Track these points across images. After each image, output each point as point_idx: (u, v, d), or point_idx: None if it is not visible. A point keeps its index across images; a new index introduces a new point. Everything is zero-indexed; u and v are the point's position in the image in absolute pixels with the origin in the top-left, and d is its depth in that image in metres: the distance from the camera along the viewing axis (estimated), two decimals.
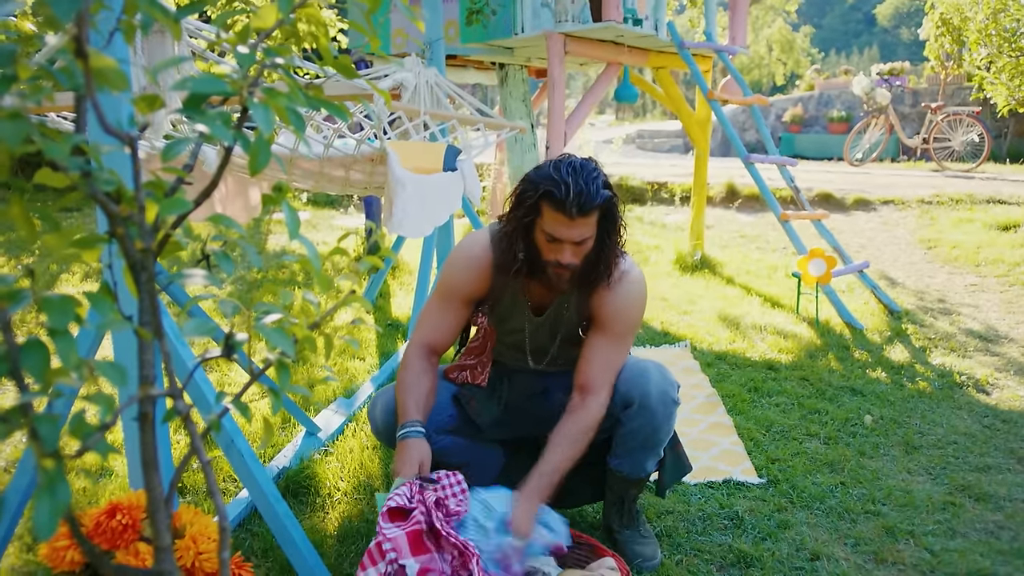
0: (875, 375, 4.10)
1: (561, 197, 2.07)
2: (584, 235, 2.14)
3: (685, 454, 2.53)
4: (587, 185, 2.08)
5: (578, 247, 2.16)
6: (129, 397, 1.03)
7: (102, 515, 1.80)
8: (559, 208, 2.09)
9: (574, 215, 2.08)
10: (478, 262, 2.35)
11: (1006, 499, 2.80)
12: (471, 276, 2.36)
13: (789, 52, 33.12)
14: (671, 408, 2.29)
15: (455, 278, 2.38)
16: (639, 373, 2.29)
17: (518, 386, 2.52)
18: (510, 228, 2.24)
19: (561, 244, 2.14)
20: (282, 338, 1.08)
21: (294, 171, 2.88)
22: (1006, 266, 6.34)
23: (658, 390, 2.26)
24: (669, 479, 2.51)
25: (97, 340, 2.14)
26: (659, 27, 5.65)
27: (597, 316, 2.32)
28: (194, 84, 0.98)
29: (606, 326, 2.30)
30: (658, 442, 2.32)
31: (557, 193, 2.07)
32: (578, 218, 2.09)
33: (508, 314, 2.40)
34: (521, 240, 2.21)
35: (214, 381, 3.89)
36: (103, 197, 0.98)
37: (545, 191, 2.10)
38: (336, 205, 10.54)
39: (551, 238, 2.14)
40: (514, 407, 2.48)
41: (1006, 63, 6.80)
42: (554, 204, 2.09)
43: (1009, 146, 13.83)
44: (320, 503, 2.73)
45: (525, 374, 2.52)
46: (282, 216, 1.52)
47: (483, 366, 2.49)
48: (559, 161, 2.15)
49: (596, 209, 2.11)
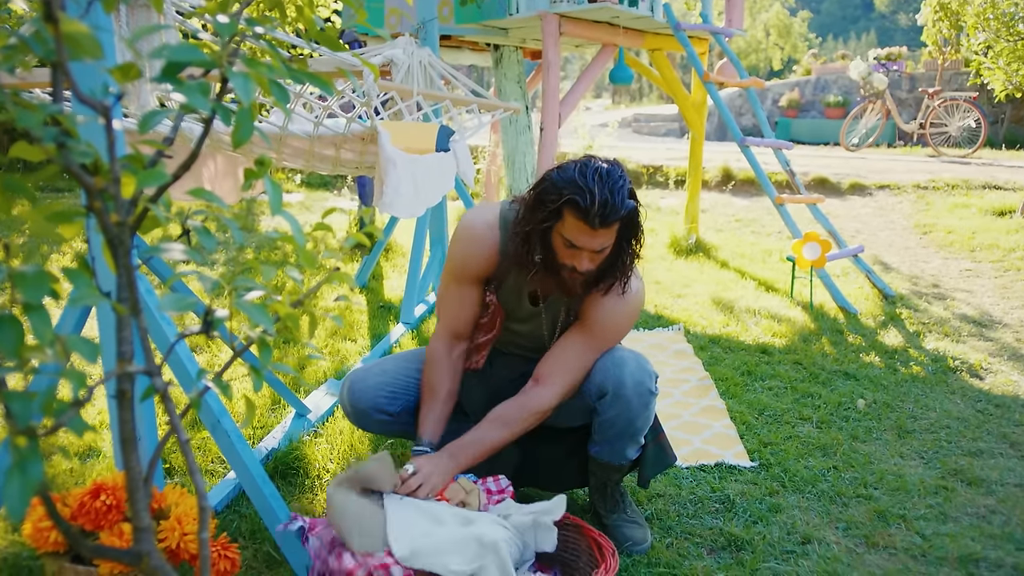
0: (869, 359, 4.09)
1: (586, 206, 2.00)
2: (604, 244, 2.09)
3: (669, 445, 2.48)
4: (613, 195, 2.01)
5: (597, 255, 2.11)
6: (106, 373, 1.00)
7: (86, 495, 1.78)
8: (582, 217, 2.02)
9: (597, 226, 2.03)
10: (484, 241, 2.31)
11: (998, 483, 2.80)
12: (479, 254, 2.32)
13: (786, 37, 33.05)
14: (647, 399, 2.24)
15: (465, 258, 2.34)
16: (615, 363, 2.24)
17: (503, 368, 2.50)
18: (528, 228, 2.16)
19: (580, 252, 2.09)
20: (262, 315, 1.05)
21: (284, 149, 2.85)
22: (1001, 251, 6.33)
23: (633, 380, 2.21)
24: (651, 471, 2.46)
25: (83, 317, 2.11)
26: (655, 8, 5.60)
27: (585, 315, 2.28)
28: (171, 52, 0.95)
29: (590, 329, 2.26)
30: (636, 431, 2.28)
31: (582, 202, 2.00)
32: (600, 229, 2.04)
33: (509, 298, 2.37)
34: (539, 242, 2.15)
35: (202, 362, 3.86)
36: (78, 169, 0.96)
37: (569, 198, 2.03)
38: (329, 187, 10.49)
39: (570, 244, 2.09)
40: (498, 389, 2.43)
41: (1004, 48, 6.75)
42: (578, 212, 2.03)
43: (1006, 132, 13.82)
44: (309, 485, 2.71)
45: (512, 356, 2.50)
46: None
47: (485, 345, 2.47)
48: (585, 165, 2.07)
49: (619, 220, 2.07)
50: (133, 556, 1.10)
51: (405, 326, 4.47)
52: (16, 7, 2.21)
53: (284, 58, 1.09)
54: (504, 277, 2.34)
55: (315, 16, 1.26)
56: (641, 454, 2.42)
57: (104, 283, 1.78)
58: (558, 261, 2.14)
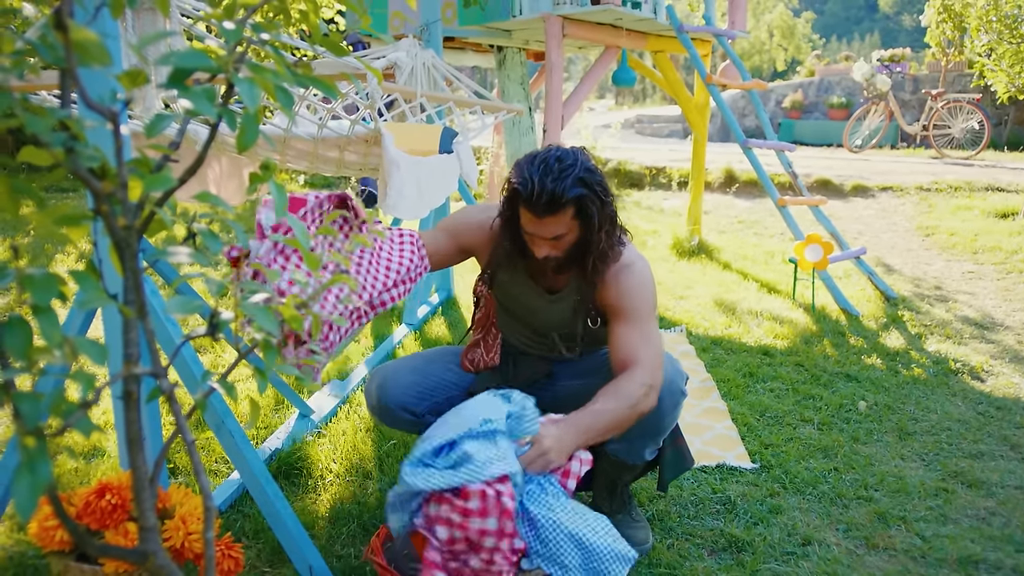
0: (870, 361, 4.10)
1: (527, 196, 2.06)
2: (556, 231, 2.10)
3: (687, 448, 2.48)
4: (555, 183, 2.03)
5: (554, 243, 2.14)
6: (112, 375, 1.02)
7: (92, 495, 1.80)
8: (526, 206, 2.08)
9: (541, 214, 2.07)
10: (484, 223, 2.35)
11: (998, 485, 2.81)
12: (473, 230, 2.36)
13: (790, 38, 33.02)
14: (678, 398, 2.25)
15: (460, 221, 2.40)
16: None
17: (525, 370, 2.50)
18: (501, 218, 2.25)
19: (535, 239, 2.15)
20: (267, 318, 1.07)
21: (288, 152, 2.87)
22: (1003, 254, 6.33)
23: (668, 379, 2.22)
24: (670, 473, 2.46)
25: (88, 318, 2.13)
26: (658, 10, 5.61)
27: (610, 308, 2.26)
28: (178, 59, 0.97)
29: (622, 313, 2.22)
30: (661, 431, 2.28)
31: (523, 192, 2.06)
32: (546, 216, 2.07)
33: (511, 286, 2.39)
34: (508, 231, 2.23)
35: (207, 362, 3.88)
36: (86, 173, 0.97)
37: (514, 188, 2.11)
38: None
39: (526, 232, 2.16)
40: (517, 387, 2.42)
41: (1006, 50, 6.76)
42: (522, 202, 2.09)
43: (1009, 134, 13.80)
44: (312, 485, 2.73)
45: (532, 358, 2.50)
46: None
47: (493, 339, 2.49)
48: (535, 155, 2.11)
49: (566, 207, 2.07)
50: (138, 555, 1.11)
51: (408, 327, 4.48)
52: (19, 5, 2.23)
53: (289, 63, 1.10)
54: (499, 265, 2.37)
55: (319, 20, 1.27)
56: (659, 457, 2.43)
57: (111, 285, 1.80)
58: (530, 249, 2.20)
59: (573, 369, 2.46)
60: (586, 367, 2.46)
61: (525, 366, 2.50)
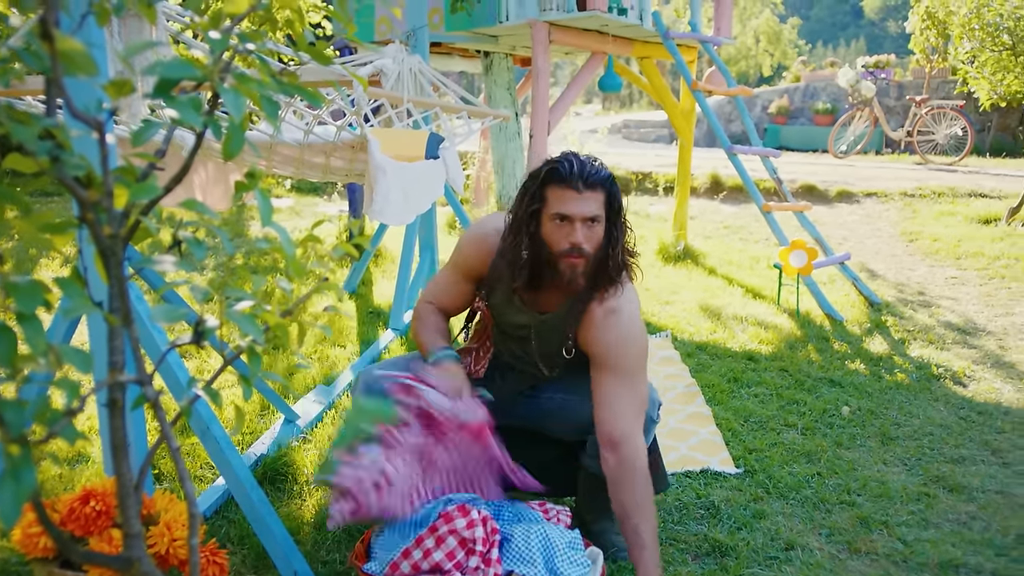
0: (854, 366, 4.13)
1: (566, 172, 2.07)
2: (594, 212, 2.09)
3: (665, 471, 2.49)
4: (590, 162, 2.10)
5: (590, 228, 2.10)
6: (97, 383, 1.02)
7: (76, 501, 1.80)
8: (565, 183, 2.07)
9: (581, 188, 2.06)
10: (484, 241, 2.35)
11: (979, 490, 2.83)
12: (475, 252, 2.37)
13: (776, 43, 33.16)
14: (648, 426, 2.27)
15: (463, 251, 2.41)
16: None
17: (511, 383, 2.50)
18: (518, 215, 2.18)
19: (572, 224, 2.08)
20: (252, 325, 1.08)
21: (274, 157, 2.87)
22: (986, 259, 6.38)
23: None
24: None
25: (73, 325, 2.13)
26: (644, 17, 5.64)
27: (591, 352, 2.23)
28: (164, 69, 0.97)
29: (608, 364, 2.18)
30: None
31: (561, 169, 2.08)
32: (586, 191, 2.07)
33: (504, 306, 2.36)
34: (526, 235, 2.15)
35: (192, 368, 3.87)
36: (71, 182, 0.98)
37: (548, 170, 2.10)
38: (319, 192, 10.50)
39: (561, 217, 2.09)
40: (502, 402, 2.40)
41: (989, 57, 6.82)
42: (560, 180, 2.08)
43: (992, 140, 13.92)
44: (297, 490, 2.73)
45: (520, 372, 2.49)
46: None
47: (485, 351, 2.48)
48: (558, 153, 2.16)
49: (602, 186, 2.09)
50: (123, 562, 1.11)
51: (394, 332, 4.49)
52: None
53: (274, 71, 1.11)
54: (494, 284, 2.35)
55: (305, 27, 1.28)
56: None
57: (96, 292, 1.79)
58: (553, 251, 2.12)
59: (558, 384, 2.45)
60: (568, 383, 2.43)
61: (511, 380, 2.50)
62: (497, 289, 2.35)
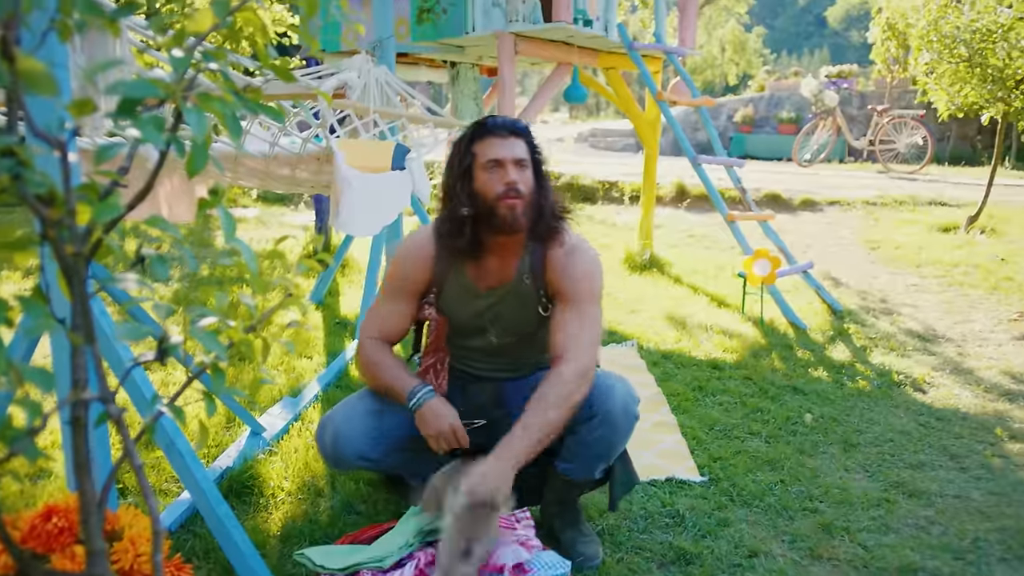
0: (817, 374, 4.18)
1: (490, 123, 2.28)
2: (521, 155, 2.26)
3: (633, 467, 2.52)
4: (506, 117, 2.31)
5: (521, 170, 2.26)
6: (60, 400, 1.02)
7: (37, 518, 1.78)
8: (491, 132, 2.26)
9: (506, 135, 2.26)
10: (419, 251, 2.38)
11: (938, 495, 2.89)
12: (413, 266, 2.39)
13: (742, 53, 33.53)
14: (632, 422, 2.31)
15: (398, 270, 2.42)
16: (605, 389, 2.28)
17: (475, 396, 2.51)
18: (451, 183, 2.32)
19: (504, 167, 2.24)
20: (215, 342, 1.08)
21: (239, 169, 2.87)
22: (945, 267, 6.50)
23: (622, 404, 2.27)
24: (620, 491, 2.50)
25: (34, 341, 2.11)
26: (609, 28, 5.69)
27: (559, 289, 2.33)
28: (126, 89, 0.98)
29: (569, 296, 2.30)
30: (612, 453, 2.34)
31: (484, 124, 2.29)
32: (511, 137, 2.26)
33: (458, 302, 2.39)
34: (463, 193, 2.27)
35: (157, 380, 3.84)
36: (33, 200, 0.98)
37: (472, 129, 2.30)
38: (286, 202, 10.45)
39: (492, 164, 2.25)
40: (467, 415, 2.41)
41: (946, 69, 6.95)
42: (485, 132, 2.27)
43: (951, 149, 14.17)
44: (263, 503, 2.72)
45: (482, 382, 2.50)
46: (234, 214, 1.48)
47: (442, 363, 2.47)
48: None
49: (523, 135, 2.29)
50: None
51: None
52: None
53: (238, 88, 1.12)
54: (443, 282, 2.38)
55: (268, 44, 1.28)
56: (608, 475, 2.46)
57: (59, 309, 1.78)
58: (490, 198, 2.24)
59: (524, 391, 2.45)
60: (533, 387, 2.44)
61: (475, 393, 2.51)
62: (447, 285, 2.39)
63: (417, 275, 2.39)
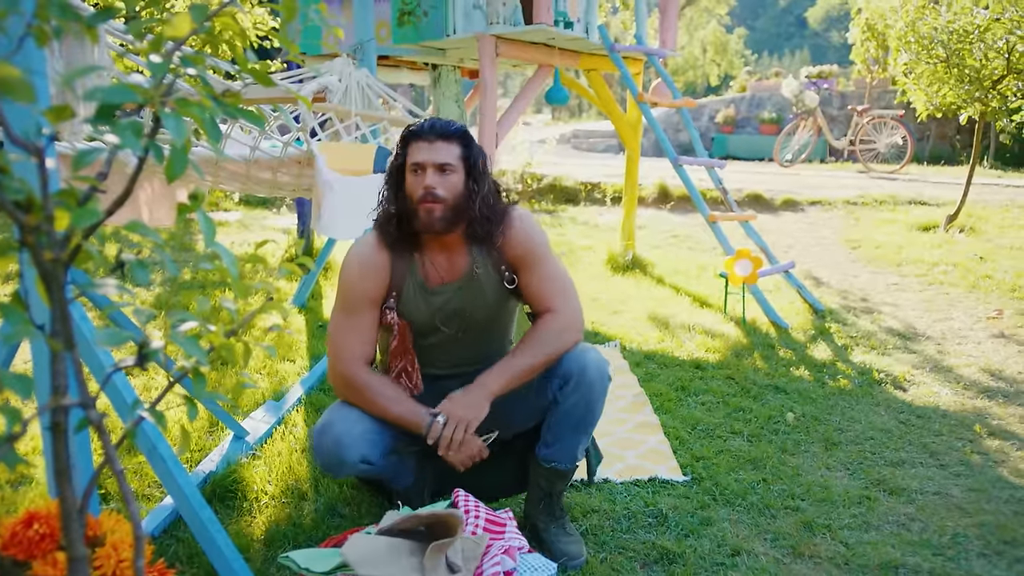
0: (798, 373, 4.21)
1: (419, 127, 2.32)
2: (445, 159, 2.28)
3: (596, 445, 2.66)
4: (443, 120, 2.33)
5: (441, 174, 2.28)
6: (40, 405, 1.02)
7: (18, 524, 1.77)
8: (418, 136, 2.30)
9: (432, 139, 2.28)
10: (372, 260, 2.38)
11: (918, 492, 2.91)
12: (374, 275, 2.38)
13: (723, 53, 33.65)
14: (606, 383, 2.38)
15: (356, 284, 2.38)
16: (578, 354, 2.37)
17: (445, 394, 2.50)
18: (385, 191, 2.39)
19: (425, 171, 2.27)
20: (195, 347, 1.08)
21: (220, 173, 2.86)
22: (925, 266, 6.55)
23: (595, 365, 2.35)
24: (595, 462, 2.64)
25: (14, 348, 2.10)
26: (590, 30, 5.71)
27: (518, 259, 2.41)
28: (104, 94, 0.98)
29: (528, 259, 2.41)
30: (591, 422, 2.38)
31: (416, 127, 2.32)
32: (437, 141, 2.28)
33: (415, 302, 2.40)
34: (393, 193, 2.35)
35: (139, 385, 3.83)
36: (11, 206, 0.98)
37: (404, 132, 2.34)
38: (268, 205, 10.42)
39: (415, 167, 2.29)
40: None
41: (924, 69, 7.01)
42: (414, 135, 2.31)
43: (931, 149, 14.27)
44: (247, 507, 2.71)
45: (452, 380, 2.50)
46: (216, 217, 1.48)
47: (412, 365, 2.47)
48: None
49: (456, 138, 2.31)
50: None
51: None
52: None
53: (217, 93, 1.12)
54: (400, 285, 2.39)
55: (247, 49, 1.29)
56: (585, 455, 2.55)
57: (38, 315, 1.78)
58: (413, 200, 2.29)
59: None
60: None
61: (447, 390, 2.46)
62: (405, 287, 2.40)
63: (377, 283, 2.37)
